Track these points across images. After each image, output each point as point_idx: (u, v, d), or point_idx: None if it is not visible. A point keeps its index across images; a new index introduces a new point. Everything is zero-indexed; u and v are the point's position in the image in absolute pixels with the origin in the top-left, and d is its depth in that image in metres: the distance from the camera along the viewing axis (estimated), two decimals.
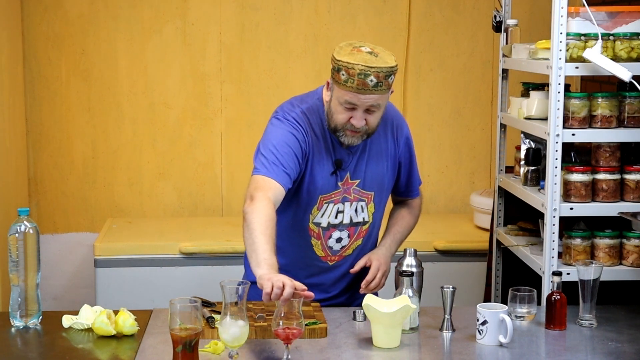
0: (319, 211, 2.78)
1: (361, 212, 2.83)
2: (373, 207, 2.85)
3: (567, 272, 2.93)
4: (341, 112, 2.65)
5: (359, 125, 2.65)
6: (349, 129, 2.66)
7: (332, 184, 2.77)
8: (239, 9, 4.71)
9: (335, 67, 2.63)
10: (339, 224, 2.80)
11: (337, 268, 2.87)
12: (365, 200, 2.82)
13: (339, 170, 2.76)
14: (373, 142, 2.80)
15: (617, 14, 3.04)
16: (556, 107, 2.98)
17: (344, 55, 2.62)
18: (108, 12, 4.66)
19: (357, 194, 2.81)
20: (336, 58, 2.62)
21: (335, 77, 2.63)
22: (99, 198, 4.76)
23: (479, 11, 4.77)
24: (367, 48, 2.65)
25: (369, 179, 2.81)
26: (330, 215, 2.79)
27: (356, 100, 2.61)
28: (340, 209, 2.80)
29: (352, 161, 2.78)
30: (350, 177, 2.79)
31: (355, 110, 2.63)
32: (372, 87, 2.59)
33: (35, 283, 2.57)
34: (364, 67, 2.58)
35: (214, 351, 2.37)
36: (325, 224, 2.79)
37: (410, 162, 2.94)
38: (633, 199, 3.03)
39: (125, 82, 4.70)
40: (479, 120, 4.85)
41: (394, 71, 2.64)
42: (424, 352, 2.45)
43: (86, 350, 2.43)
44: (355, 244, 2.86)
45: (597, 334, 2.57)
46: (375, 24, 4.75)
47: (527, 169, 3.34)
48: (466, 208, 4.75)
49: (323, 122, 2.75)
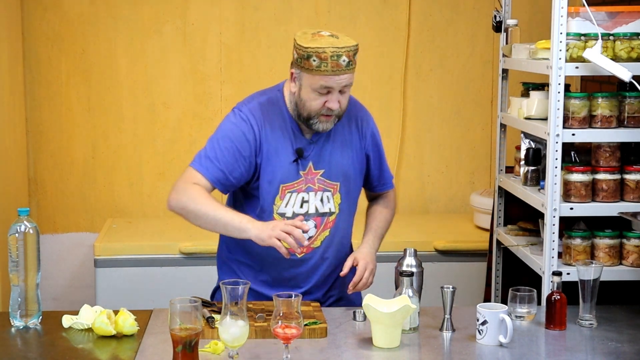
0: (282, 201, 2.80)
1: (327, 203, 2.85)
2: (339, 197, 2.86)
3: (567, 272, 2.93)
4: (315, 98, 2.70)
5: (335, 108, 2.70)
6: (323, 114, 2.72)
7: (294, 173, 2.80)
8: (239, 9, 4.71)
9: (303, 55, 2.66)
10: (305, 213, 2.82)
11: (307, 261, 2.86)
12: (331, 191, 2.84)
13: (300, 158, 2.79)
14: (337, 133, 2.84)
15: (617, 14, 3.04)
16: (556, 107, 2.98)
17: (308, 42, 2.67)
18: (108, 12, 4.66)
19: (322, 184, 2.83)
20: (303, 46, 2.66)
21: (304, 65, 2.67)
22: (99, 198, 4.76)
23: (479, 11, 4.77)
24: (326, 32, 2.72)
25: (334, 170, 2.84)
26: (294, 204, 2.81)
27: (332, 83, 2.67)
28: (305, 198, 2.82)
29: (314, 150, 2.81)
30: (314, 167, 2.82)
31: (330, 93, 2.69)
32: (345, 66, 2.66)
33: (35, 283, 2.56)
34: (335, 49, 2.64)
35: (214, 351, 2.37)
36: (290, 214, 2.80)
37: (379, 155, 2.99)
38: (633, 199, 3.03)
39: (125, 82, 4.70)
40: (479, 120, 4.85)
41: (357, 49, 2.71)
42: (424, 352, 2.45)
43: (86, 350, 2.43)
44: (323, 235, 2.87)
45: (597, 334, 2.57)
46: (375, 24, 4.75)
47: (527, 169, 3.34)
48: (466, 208, 4.75)
49: (284, 112, 2.79)
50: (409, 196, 4.88)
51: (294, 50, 2.71)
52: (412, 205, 4.88)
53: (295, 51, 2.70)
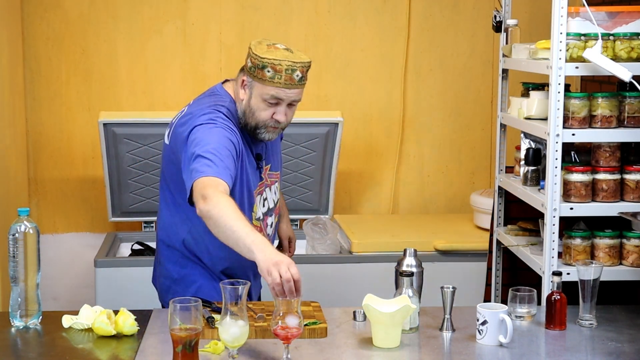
0: (257, 207, 2.86)
1: (276, 193, 2.95)
2: (279, 184, 2.99)
3: (567, 272, 2.93)
4: (264, 108, 2.72)
5: (282, 120, 2.74)
6: (271, 125, 2.74)
7: (258, 177, 2.85)
8: (239, 9, 4.71)
9: (258, 65, 2.68)
10: (268, 210, 2.89)
11: None
12: (277, 181, 2.96)
13: (260, 162, 2.86)
14: None
15: (617, 14, 3.04)
16: (556, 107, 2.98)
17: (265, 52, 2.68)
18: (108, 12, 4.66)
19: (272, 177, 2.92)
20: (260, 55, 2.68)
21: (258, 75, 2.69)
22: (99, 198, 4.75)
23: (479, 11, 4.77)
24: (281, 45, 2.75)
25: (275, 161, 2.94)
26: (261, 206, 2.88)
27: (283, 95, 2.70)
28: (265, 196, 2.89)
29: (265, 151, 2.88)
30: (265, 164, 2.89)
31: (279, 105, 2.72)
32: (298, 81, 2.70)
33: (35, 283, 2.57)
34: (291, 63, 2.67)
35: (214, 351, 2.37)
36: (261, 216, 2.87)
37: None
38: (633, 199, 3.03)
39: (125, 82, 4.70)
40: (479, 120, 4.86)
41: (310, 66, 2.75)
42: (424, 352, 2.45)
43: (86, 350, 2.43)
44: (274, 221, 2.98)
45: (597, 334, 2.57)
46: (375, 24, 4.75)
47: (527, 169, 3.34)
48: (466, 208, 4.75)
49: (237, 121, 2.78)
50: (409, 196, 4.88)
51: (248, 59, 2.72)
52: (412, 205, 4.88)
53: (250, 59, 2.71)
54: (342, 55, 4.76)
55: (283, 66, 2.66)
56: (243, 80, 2.75)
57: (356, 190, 4.85)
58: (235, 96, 2.79)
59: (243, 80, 2.75)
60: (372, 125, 4.80)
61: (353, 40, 4.76)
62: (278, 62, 2.66)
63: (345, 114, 4.61)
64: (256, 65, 2.68)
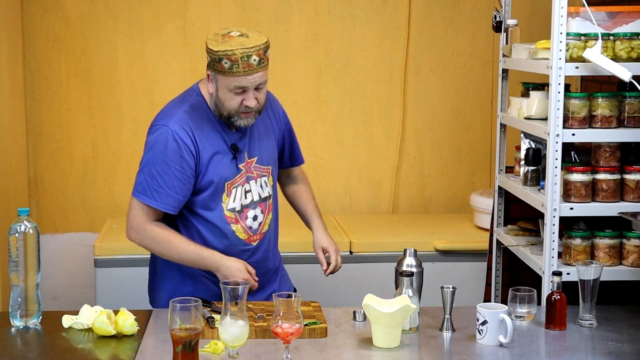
0: (229, 197, 2.86)
1: (265, 187, 2.95)
2: (272, 180, 2.98)
3: (567, 272, 2.93)
4: (232, 98, 2.76)
5: (252, 105, 2.77)
6: (242, 111, 2.78)
7: (234, 169, 2.86)
8: (239, 9, 4.71)
9: (215, 59, 2.71)
10: (250, 202, 2.90)
11: (259, 248, 2.95)
12: (267, 175, 2.95)
13: (238, 153, 2.86)
14: (259, 120, 2.90)
15: (617, 14, 3.04)
16: (556, 107, 2.98)
17: (219, 45, 2.71)
18: (108, 12, 4.66)
19: (258, 170, 2.92)
20: (214, 50, 2.71)
21: (217, 68, 2.72)
22: (99, 198, 4.75)
23: (479, 11, 4.77)
24: (236, 32, 2.75)
25: (265, 155, 2.94)
26: (240, 197, 2.88)
27: (246, 83, 2.72)
28: (247, 188, 2.90)
29: (245, 142, 2.89)
30: (248, 157, 2.89)
31: (246, 92, 2.75)
32: (257, 65, 2.72)
33: (35, 283, 2.57)
34: (245, 50, 2.69)
35: (214, 351, 2.37)
36: (238, 207, 2.88)
37: (290, 132, 3.11)
38: (633, 199, 3.03)
39: (125, 82, 4.70)
40: (479, 120, 4.85)
41: (268, 45, 2.76)
42: (424, 352, 2.45)
43: (86, 350, 2.43)
44: (269, 218, 2.97)
45: (597, 334, 2.57)
46: (375, 24, 4.75)
47: (527, 169, 3.34)
48: (466, 208, 4.75)
49: (209, 114, 2.84)
50: (409, 196, 4.88)
51: (207, 54, 2.76)
52: (412, 205, 4.88)
53: (208, 55, 2.75)
54: (342, 55, 4.76)
55: (238, 55, 2.68)
56: (208, 75, 2.81)
57: (356, 190, 4.85)
58: (206, 91, 2.86)
59: (208, 74, 2.81)
60: (372, 125, 4.80)
61: (353, 40, 4.75)
62: (232, 52, 2.68)
63: (345, 113, 4.60)
64: (213, 59, 2.72)
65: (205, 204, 2.86)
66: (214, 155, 2.83)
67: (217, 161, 2.84)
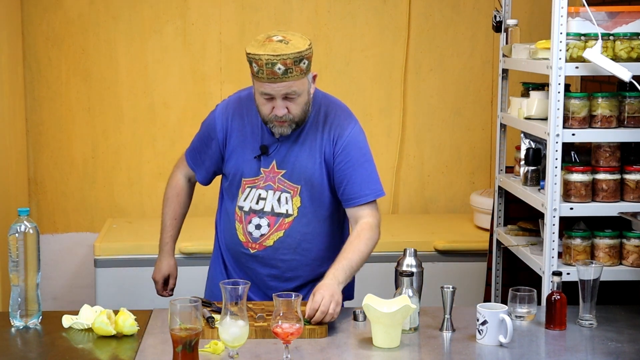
0: (242, 194, 2.85)
1: (285, 204, 2.82)
2: (299, 201, 2.82)
3: (567, 272, 2.93)
4: (263, 103, 2.71)
5: (281, 114, 2.69)
6: (275, 119, 2.71)
7: (255, 169, 2.82)
8: (239, 9, 4.71)
9: (249, 61, 2.67)
10: (260, 210, 2.83)
11: (260, 258, 2.85)
12: (291, 193, 2.81)
13: (264, 155, 2.80)
14: (308, 136, 2.80)
15: (617, 14, 3.04)
16: (556, 107, 2.98)
17: (254, 48, 2.66)
18: (108, 12, 4.66)
19: (282, 184, 2.82)
20: (247, 51, 2.67)
21: (251, 71, 2.69)
22: (99, 198, 4.76)
23: (479, 11, 4.77)
24: (279, 37, 2.67)
25: (297, 172, 2.80)
26: (252, 200, 2.84)
27: (270, 90, 2.66)
28: (263, 195, 2.83)
29: (280, 150, 2.80)
30: (277, 166, 2.82)
31: (274, 100, 2.68)
32: (282, 74, 2.63)
33: (35, 283, 2.56)
34: (270, 57, 2.61)
35: (214, 351, 2.37)
36: (247, 208, 2.85)
37: (350, 166, 2.79)
38: (633, 199, 3.03)
39: (125, 82, 4.71)
40: (479, 120, 4.86)
41: (304, 56, 2.64)
42: (424, 352, 2.45)
43: (86, 350, 2.43)
44: (276, 236, 2.83)
45: (597, 334, 2.57)
46: (375, 24, 4.75)
47: (527, 169, 3.34)
48: (466, 208, 4.75)
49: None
50: (409, 196, 4.88)
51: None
52: (412, 205, 4.88)
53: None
54: (342, 55, 4.76)
55: (263, 60, 2.61)
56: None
57: None
58: None
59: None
60: (372, 125, 4.80)
61: (353, 40, 4.76)
62: (258, 57, 2.62)
63: None
64: (248, 61, 2.69)
65: (228, 190, 2.89)
66: (241, 147, 2.82)
67: (241, 154, 2.82)
